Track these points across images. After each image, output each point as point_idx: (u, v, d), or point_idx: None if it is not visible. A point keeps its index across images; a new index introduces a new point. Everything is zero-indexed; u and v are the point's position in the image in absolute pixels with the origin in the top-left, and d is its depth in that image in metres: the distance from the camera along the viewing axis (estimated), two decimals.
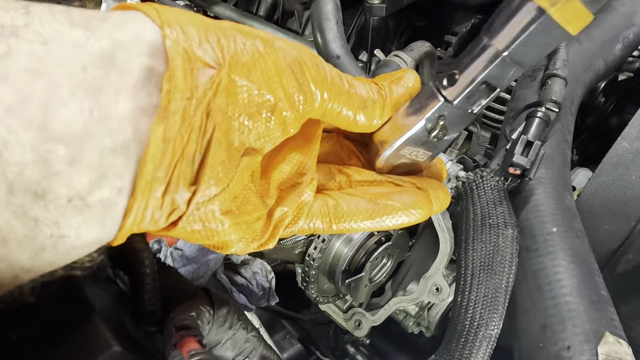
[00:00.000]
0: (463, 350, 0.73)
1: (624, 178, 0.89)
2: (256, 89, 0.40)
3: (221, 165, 0.39)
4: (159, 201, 0.36)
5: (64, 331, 0.45)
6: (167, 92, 0.35)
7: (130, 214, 0.35)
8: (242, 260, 0.84)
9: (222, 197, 0.39)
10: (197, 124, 0.37)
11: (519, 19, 0.44)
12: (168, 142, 0.35)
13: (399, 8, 1.20)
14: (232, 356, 0.59)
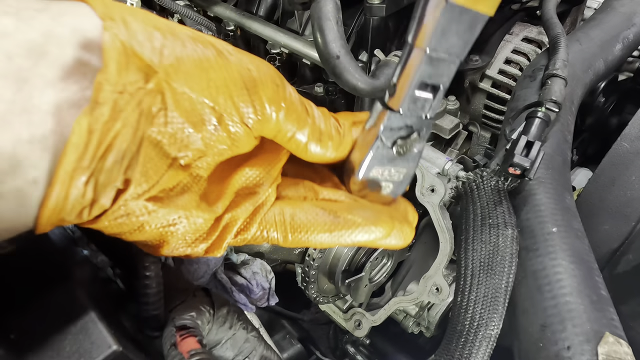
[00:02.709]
0: (463, 350, 0.73)
1: (624, 178, 0.89)
2: (199, 98, 0.39)
3: (152, 165, 0.38)
4: (80, 191, 0.35)
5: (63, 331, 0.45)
6: (98, 83, 0.34)
7: (47, 204, 0.34)
8: (242, 260, 0.84)
9: (151, 193, 0.39)
10: (130, 120, 0.36)
11: (429, 13, 0.45)
12: (93, 133, 0.35)
13: (399, 8, 1.20)
14: (232, 356, 0.59)
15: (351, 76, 0.98)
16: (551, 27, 1.03)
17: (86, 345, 0.44)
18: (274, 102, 0.43)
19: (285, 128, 0.45)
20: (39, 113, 0.33)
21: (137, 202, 0.38)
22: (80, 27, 0.35)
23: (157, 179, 0.39)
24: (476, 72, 1.27)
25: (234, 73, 0.41)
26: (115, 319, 0.50)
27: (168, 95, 0.38)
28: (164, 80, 0.37)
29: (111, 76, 0.35)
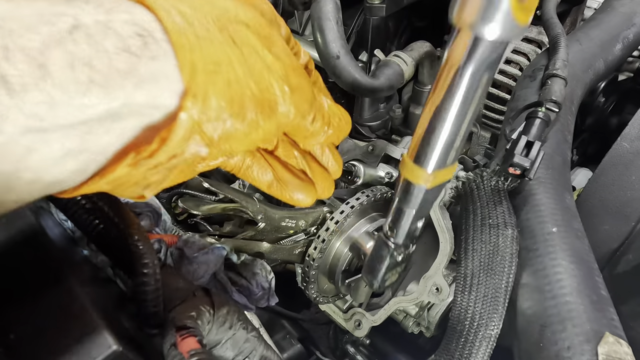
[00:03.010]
0: (463, 350, 0.73)
1: (624, 178, 0.89)
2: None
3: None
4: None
5: (63, 331, 0.45)
6: (154, 150, 0.36)
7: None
8: (242, 260, 0.84)
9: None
10: (167, 169, 0.39)
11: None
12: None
13: (399, 8, 1.20)
14: (232, 356, 0.59)
15: (351, 76, 0.98)
16: (551, 27, 1.03)
17: (86, 345, 0.44)
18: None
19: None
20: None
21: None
22: (160, 103, 0.35)
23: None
24: None
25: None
26: (115, 319, 0.50)
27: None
28: (210, 155, 0.40)
29: (170, 148, 0.36)
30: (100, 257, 0.59)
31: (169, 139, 0.35)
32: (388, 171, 1.08)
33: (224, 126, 0.38)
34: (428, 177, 0.49)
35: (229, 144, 0.40)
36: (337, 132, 0.53)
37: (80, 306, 0.46)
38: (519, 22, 0.34)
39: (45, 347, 0.44)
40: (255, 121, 0.40)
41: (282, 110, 0.43)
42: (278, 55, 0.42)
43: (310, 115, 0.47)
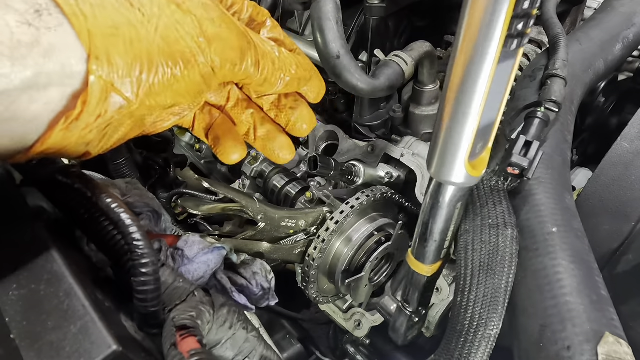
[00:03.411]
0: (463, 350, 0.73)
1: (624, 178, 0.89)
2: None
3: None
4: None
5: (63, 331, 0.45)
6: (78, 113, 0.40)
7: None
8: (242, 260, 0.84)
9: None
10: (99, 128, 0.43)
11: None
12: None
13: (399, 8, 1.20)
14: (232, 356, 0.59)
15: (351, 76, 0.98)
16: (551, 27, 1.03)
17: (86, 345, 0.44)
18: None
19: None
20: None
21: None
22: (69, 67, 0.38)
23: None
24: None
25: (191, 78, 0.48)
26: (115, 319, 0.50)
27: (137, 117, 0.45)
28: (135, 111, 0.43)
29: (91, 108, 0.40)
30: (100, 257, 0.59)
31: (88, 102, 0.39)
32: (388, 171, 1.08)
33: (139, 82, 0.41)
34: (428, 269, 0.67)
35: (152, 98, 0.43)
36: (295, 80, 0.56)
37: (80, 306, 0.46)
38: (472, 175, 0.49)
39: (45, 347, 0.44)
40: (172, 74, 0.43)
41: (201, 60, 0.46)
42: (189, 9, 0.45)
43: (244, 63, 0.49)
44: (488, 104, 0.43)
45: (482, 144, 0.49)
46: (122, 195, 0.75)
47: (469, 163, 0.47)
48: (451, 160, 0.47)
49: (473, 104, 0.43)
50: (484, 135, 0.47)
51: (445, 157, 0.47)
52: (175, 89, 0.44)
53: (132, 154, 1.56)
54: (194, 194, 1.00)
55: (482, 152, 0.50)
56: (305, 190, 1.13)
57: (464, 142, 0.45)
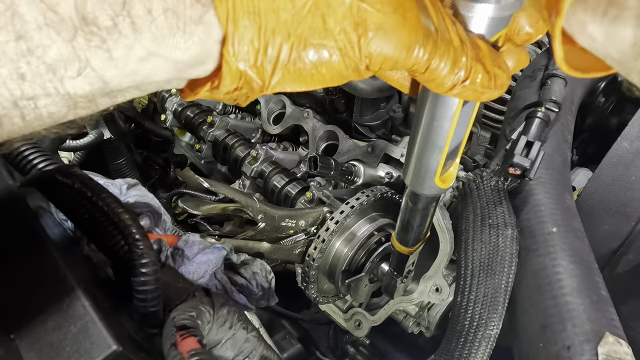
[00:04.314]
0: (462, 350, 0.73)
1: (624, 178, 0.89)
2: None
3: None
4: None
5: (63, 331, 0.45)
6: (217, 84, 0.39)
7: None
8: (242, 260, 0.84)
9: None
10: (242, 93, 0.41)
11: None
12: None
13: None
14: (232, 356, 0.59)
15: None
16: None
17: (86, 345, 0.44)
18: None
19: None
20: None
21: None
22: (206, 52, 0.38)
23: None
24: None
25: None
26: (115, 319, 0.50)
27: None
28: (272, 88, 0.40)
29: (226, 84, 0.39)
30: (100, 257, 0.59)
31: (222, 80, 0.39)
32: (388, 171, 1.08)
33: (273, 69, 0.39)
34: (409, 250, 0.76)
35: (287, 85, 0.40)
36: (479, 89, 0.41)
37: (80, 306, 0.46)
38: (442, 187, 0.53)
39: (45, 347, 0.44)
40: (313, 66, 0.39)
41: (352, 54, 0.39)
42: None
43: (409, 59, 0.39)
44: (455, 135, 0.47)
45: (450, 161, 0.53)
46: (122, 196, 0.75)
47: (440, 178, 0.52)
48: (423, 178, 0.52)
49: (441, 138, 0.47)
50: (452, 155, 0.52)
51: (418, 175, 0.52)
52: (315, 79, 0.40)
53: (132, 154, 1.56)
54: (194, 194, 1.00)
55: (451, 167, 0.54)
56: (305, 190, 1.13)
57: (433, 165, 0.50)
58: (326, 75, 0.40)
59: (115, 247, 0.54)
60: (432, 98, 0.45)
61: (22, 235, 0.52)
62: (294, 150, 1.37)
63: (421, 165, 0.51)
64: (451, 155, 0.51)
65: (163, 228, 0.80)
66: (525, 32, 0.43)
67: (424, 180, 0.52)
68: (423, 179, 0.52)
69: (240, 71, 0.38)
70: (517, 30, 0.43)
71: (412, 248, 0.76)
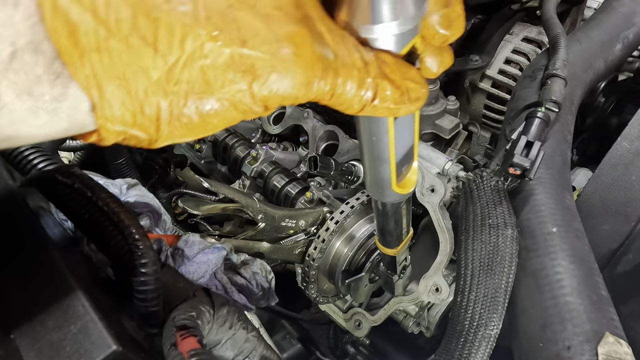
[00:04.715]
0: (462, 350, 0.73)
1: (624, 178, 0.89)
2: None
3: None
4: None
5: (63, 331, 0.45)
6: (99, 140, 0.36)
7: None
8: (242, 260, 0.84)
9: None
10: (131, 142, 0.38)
11: None
12: None
13: None
14: (232, 356, 0.59)
15: None
16: (551, 27, 1.03)
17: (86, 345, 0.44)
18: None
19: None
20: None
21: None
22: (81, 119, 0.35)
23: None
24: (476, 72, 1.26)
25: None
26: (115, 319, 0.50)
27: None
28: (160, 142, 0.38)
29: (109, 141, 0.37)
30: (100, 257, 0.59)
31: (104, 139, 0.36)
32: None
33: (156, 126, 0.36)
34: (393, 251, 0.77)
35: (175, 138, 0.37)
36: (392, 105, 0.39)
37: (80, 306, 0.46)
38: (401, 192, 0.53)
39: (45, 347, 0.44)
40: (199, 117, 0.36)
41: (244, 101, 0.35)
42: (231, 39, 0.33)
43: (310, 93, 0.36)
44: (398, 145, 0.47)
45: (405, 167, 0.52)
46: (122, 196, 0.75)
47: (397, 186, 0.52)
48: (381, 188, 0.52)
49: (384, 151, 0.47)
50: (404, 162, 0.51)
51: (376, 185, 0.52)
52: (209, 127, 0.37)
53: (132, 154, 1.56)
54: (194, 194, 1.00)
55: (408, 172, 0.54)
56: (305, 190, 1.12)
57: (385, 175, 0.50)
58: (219, 124, 0.37)
59: (115, 247, 0.54)
60: (367, 120, 0.44)
61: (22, 235, 0.52)
62: (294, 150, 1.37)
63: (375, 177, 0.51)
64: (403, 162, 0.50)
65: (163, 228, 0.80)
66: (440, 35, 0.41)
67: (382, 189, 0.52)
68: (381, 188, 0.52)
69: (119, 132, 0.36)
70: (432, 34, 0.41)
71: (397, 249, 0.76)
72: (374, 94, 0.38)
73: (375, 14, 0.35)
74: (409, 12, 0.36)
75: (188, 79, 0.34)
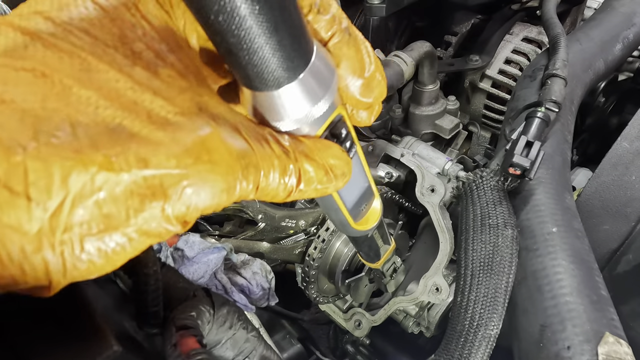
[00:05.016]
0: (463, 350, 0.73)
1: (624, 178, 0.89)
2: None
3: None
4: None
5: (62, 331, 0.45)
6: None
7: None
8: (242, 260, 0.84)
9: None
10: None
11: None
12: None
13: (399, 8, 1.20)
14: (232, 356, 0.59)
15: None
16: (551, 27, 1.03)
17: (86, 345, 0.44)
18: None
19: None
20: None
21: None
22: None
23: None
24: (476, 72, 1.26)
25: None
26: (115, 319, 0.50)
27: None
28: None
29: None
30: None
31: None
32: (388, 171, 1.08)
33: (61, 260, 0.29)
34: (377, 265, 0.75)
35: (84, 273, 0.31)
36: (319, 186, 0.37)
37: (80, 306, 0.46)
38: (363, 229, 0.53)
39: (45, 347, 0.44)
40: (112, 249, 0.30)
41: (151, 225, 0.29)
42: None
43: (232, 196, 0.32)
44: (347, 197, 0.47)
45: (364, 205, 0.52)
46: None
47: (357, 224, 0.52)
48: (343, 227, 0.52)
49: (332, 206, 0.47)
50: (360, 203, 0.51)
51: (338, 224, 0.52)
52: (113, 263, 0.30)
53: None
54: None
55: (368, 209, 0.54)
56: None
57: (343, 219, 0.50)
58: (130, 255, 0.30)
59: None
60: None
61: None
62: None
63: (333, 220, 0.52)
64: (358, 204, 0.50)
65: None
66: (363, 103, 0.39)
67: (345, 228, 0.52)
68: (343, 227, 0.52)
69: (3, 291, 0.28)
70: (354, 103, 0.40)
71: (379, 262, 0.75)
72: (298, 178, 0.35)
73: (280, 114, 0.34)
74: (316, 99, 0.34)
75: (81, 220, 0.27)
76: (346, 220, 0.50)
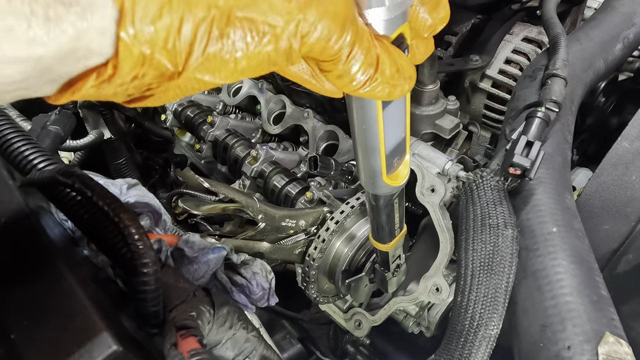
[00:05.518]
0: (463, 350, 0.73)
1: (624, 178, 0.89)
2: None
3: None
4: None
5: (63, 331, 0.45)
6: (110, 76, 0.31)
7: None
8: (242, 260, 0.84)
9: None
10: (139, 87, 0.33)
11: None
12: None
13: None
14: (232, 356, 0.59)
15: None
16: (551, 27, 1.03)
17: (86, 345, 0.44)
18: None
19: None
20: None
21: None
22: (99, 37, 0.29)
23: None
24: (476, 72, 1.26)
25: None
26: (115, 319, 0.50)
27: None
28: (182, 81, 0.34)
29: (124, 72, 0.31)
30: (100, 257, 0.59)
31: (119, 67, 0.31)
32: None
33: (186, 53, 0.31)
34: (386, 247, 0.77)
35: (203, 73, 0.33)
36: (390, 82, 0.39)
37: (80, 306, 0.46)
38: (392, 184, 0.55)
39: (46, 347, 0.44)
40: (234, 49, 0.32)
41: (285, 31, 0.33)
42: None
43: (340, 40, 0.35)
44: (388, 135, 0.48)
45: (397, 159, 0.54)
46: (122, 196, 0.75)
47: (388, 177, 0.54)
48: (373, 179, 0.54)
49: (373, 140, 0.48)
50: (395, 154, 0.53)
51: (367, 176, 0.54)
52: (235, 67, 0.33)
53: (132, 154, 1.56)
54: (194, 194, 1.00)
55: (399, 165, 0.56)
56: (305, 190, 1.13)
57: (376, 166, 0.51)
58: (252, 62, 0.33)
59: (115, 247, 0.54)
60: (354, 101, 0.46)
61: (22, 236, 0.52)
62: (294, 150, 1.37)
63: (366, 168, 0.53)
64: (394, 154, 0.51)
65: (163, 228, 0.80)
66: (428, 25, 0.43)
67: (374, 181, 0.54)
68: (372, 179, 0.53)
69: (145, 56, 0.31)
70: (420, 24, 0.43)
71: (390, 244, 0.76)
72: (375, 67, 0.38)
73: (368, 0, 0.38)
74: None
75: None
76: (380, 168, 0.51)
